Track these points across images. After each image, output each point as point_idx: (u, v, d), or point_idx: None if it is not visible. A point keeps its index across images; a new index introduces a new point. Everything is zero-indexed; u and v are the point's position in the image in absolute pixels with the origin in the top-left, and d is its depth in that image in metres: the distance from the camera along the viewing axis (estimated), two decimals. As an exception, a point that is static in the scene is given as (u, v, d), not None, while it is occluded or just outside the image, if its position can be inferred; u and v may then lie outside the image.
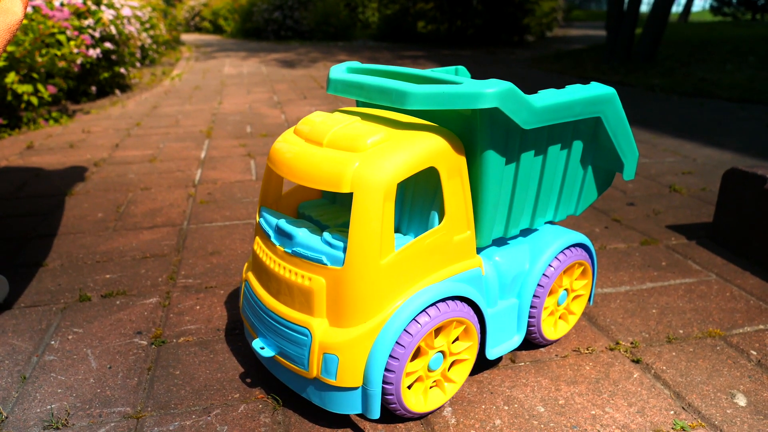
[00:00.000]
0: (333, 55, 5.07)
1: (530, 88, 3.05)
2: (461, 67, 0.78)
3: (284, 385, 0.60)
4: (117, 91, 2.88)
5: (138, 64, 4.06)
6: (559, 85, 3.19)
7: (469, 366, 0.60)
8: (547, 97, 0.56)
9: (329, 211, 0.64)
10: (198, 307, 0.78)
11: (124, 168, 1.49)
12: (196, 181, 1.37)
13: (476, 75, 3.60)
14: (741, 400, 0.60)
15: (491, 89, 0.49)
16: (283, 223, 0.56)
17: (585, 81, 3.50)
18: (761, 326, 0.75)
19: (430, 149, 0.51)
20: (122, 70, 2.87)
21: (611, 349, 0.69)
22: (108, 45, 2.67)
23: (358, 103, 0.69)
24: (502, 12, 6.71)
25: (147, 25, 4.58)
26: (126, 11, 3.20)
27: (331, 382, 0.52)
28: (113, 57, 2.78)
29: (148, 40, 4.47)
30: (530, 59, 4.94)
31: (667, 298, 0.82)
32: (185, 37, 8.94)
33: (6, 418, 0.57)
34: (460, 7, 6.76)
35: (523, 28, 7.22)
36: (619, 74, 3.55)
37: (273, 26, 7.96)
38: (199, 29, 10.81)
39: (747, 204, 0.95)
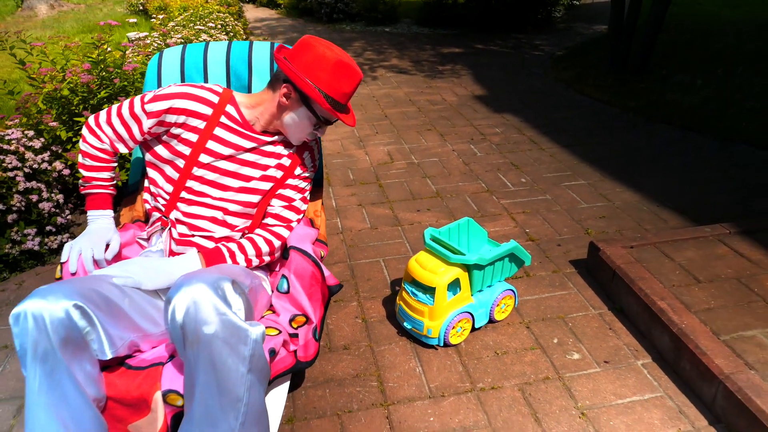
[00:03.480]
0: (385, 56, 6.19)
1: (539, 114, 4.19)
2: (471, 220, 2.05)
3: (414, 336, 1.95)
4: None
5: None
6: (562, 106, 4.30)
7: (468, 331, 1.93)
8: (492, 253, 1.85)
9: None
10: (373, 307, 2.13)
11: (298, 217, 2.82)
12: (340, 229, 2.69)
13: (499, 97, 4.73)
14: (554, 339, 1.92)
15: (473, 260, 1.79)
16: (413, 291, 1.88)
17: (585, 97, 4.60)
18: (581, 313, 2.05)
19: (456, 273, 1.82)
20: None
21: (520, 323, 2.01)
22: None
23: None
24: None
25: (231, 33, 5.77)
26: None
27: (430, 335, 1.86)
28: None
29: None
30: (549, 58, 5.95)
31: (550, 301, 2.12)
32: (245, 10, 9.94)
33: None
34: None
35: (550, 2, 7.93)
36: (610, 92, 4.62)
37: (326, 9, 8.98)
38: (253, 1, 11.83)
39: (595, 257, 2.22)
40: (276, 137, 1.61)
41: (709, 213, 2.73)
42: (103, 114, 1.55)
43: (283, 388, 1.53)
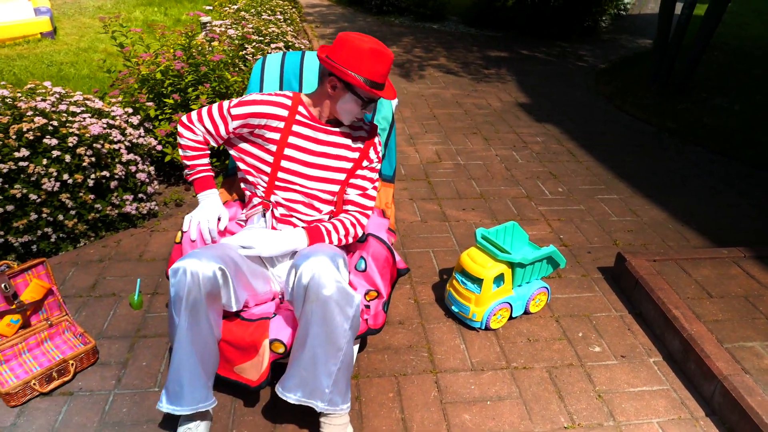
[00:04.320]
0: (434, 55, 6.46)
1: (579, 127, 4.46)
2: (516, 224, 2.36)
3: (459, 319, 2.28)
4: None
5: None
6: (601, 120, 4.56)
7: (506, 318, 2.25)
8: (533, 254, 2.16)
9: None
10: (424, 291, 2.46)
11: (356, 205, 3.16)
12: (394, 221, 3.02)
13: (542, 107, 4.99)
14: (579, 333, 2.23)
15: (517, 259, 2.11)
16: (462, 280, 2.21)
17: (624, 114, 4.85)
18: (604, 314, 2.36)
19: (502, 269, 2.14)
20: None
21: (551, 317, 2.32)
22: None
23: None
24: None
25: (288, 20, 6.07)
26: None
27: (474, 319, 2.18)
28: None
29: (294, 41, 6.01)
30: (592, 70, 6.17)
31: (577, 300, 2.43)
32: None
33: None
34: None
35: (597, 12, 8.06)
36: (648, 111, 4.85)
37: (376, 0, 9.21)
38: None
39: (621, 267, 2.52)
40: (343, 128, 1.90)
41: (728, 236, 3.00)
42: (194, 114, 1.89)
43: (354, 350, 1.87)
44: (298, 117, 1.85)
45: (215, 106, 1.87)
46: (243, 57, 3.80)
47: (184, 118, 1.89)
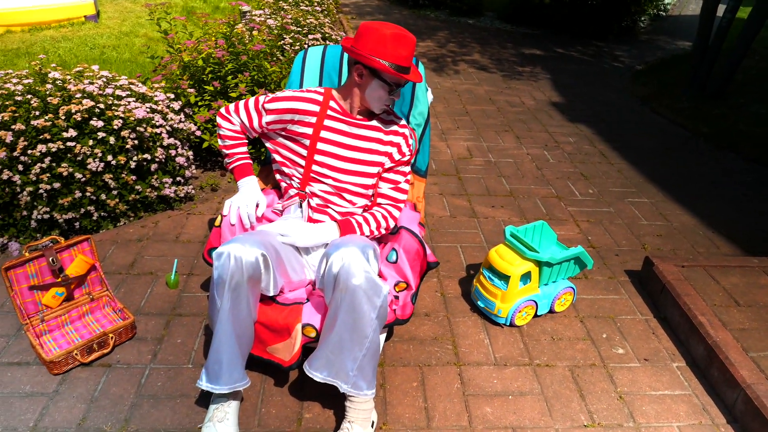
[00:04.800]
0: (468, 50, 6.46)
1: (612, 128, 4.43)
2: (545, 223, 2.39)
3: (484, 314, 2.32)
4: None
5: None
6: (635, 123, 4.52)
7: (531, 316, 2.28)
8: (562, 253, 2.19)
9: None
10: (451, 285, 2.50)
11: (386, 197, 3.21)
12: (424, 215, 3.06)
13: (575, 107, 4.97)
14: (603, 334, 2.25)
15: (545, 258, 2.14)
16: (490, 276, 2.25)
17: (659, 117, 4.79)
18: (629, 317, 2.37)
19: (529, 267, 2.18)
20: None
21: (575, 317, 2.35)
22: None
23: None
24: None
25: (325, 11, 6.10)
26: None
27: (500, 315, 2.22)
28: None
29: (331, 32, 6.07)
30: (628, 71, 6.10)
31: (602, 302, 2.45)
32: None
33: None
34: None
35: (636, 11, 7.94)
36: (684, 115, 4.78)
37: (414, -6, 9.19)
38: (341, -24, 12.09)
39: (649, 271, 2.53)
40: (374, 122, 1.94)
41: (760, 245, 2.98)
42: (231, 106, 1.97)
43: (381, 339, 1.93)
44: (329, 112, 1.90)
45: (251, 100, 1.95)
46: (281, 47, 3.87)
47: (222, 110, 1.98)
